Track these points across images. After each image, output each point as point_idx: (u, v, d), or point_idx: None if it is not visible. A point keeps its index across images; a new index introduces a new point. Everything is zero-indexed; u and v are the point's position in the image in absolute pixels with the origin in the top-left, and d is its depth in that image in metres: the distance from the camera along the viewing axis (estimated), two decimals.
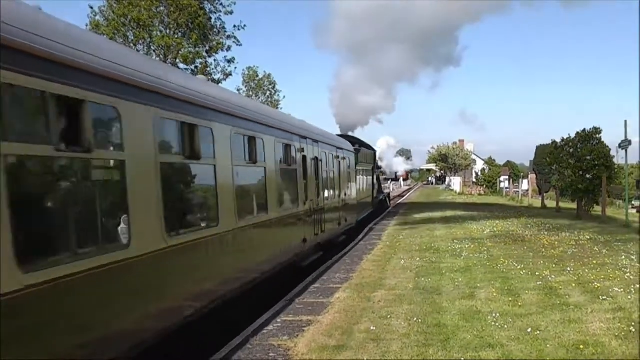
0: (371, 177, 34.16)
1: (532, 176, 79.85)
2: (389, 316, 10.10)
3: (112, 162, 6.99)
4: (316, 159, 17.44)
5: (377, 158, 40.79)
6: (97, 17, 37.66)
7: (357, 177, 27.19)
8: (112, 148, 6.89)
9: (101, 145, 6.51)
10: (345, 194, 22.95)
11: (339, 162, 21.83)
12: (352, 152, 25.68)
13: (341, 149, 22.66)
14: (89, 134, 6.00)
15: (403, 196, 69.76)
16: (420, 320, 9.76)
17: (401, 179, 63.80)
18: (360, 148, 29.98)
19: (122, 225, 6.74)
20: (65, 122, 5.71)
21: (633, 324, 9.18)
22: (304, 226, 15.61)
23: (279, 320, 10.25)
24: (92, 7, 37.54)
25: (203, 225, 9.27)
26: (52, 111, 5.59)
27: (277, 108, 62.10)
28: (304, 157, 15.89)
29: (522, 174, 78.09)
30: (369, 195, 32.39)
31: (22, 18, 5.47)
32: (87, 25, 36.99)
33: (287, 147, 14.19)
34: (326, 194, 18.91)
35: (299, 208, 15.04)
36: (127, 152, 6.80)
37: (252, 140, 11.39)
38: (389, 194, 50.92)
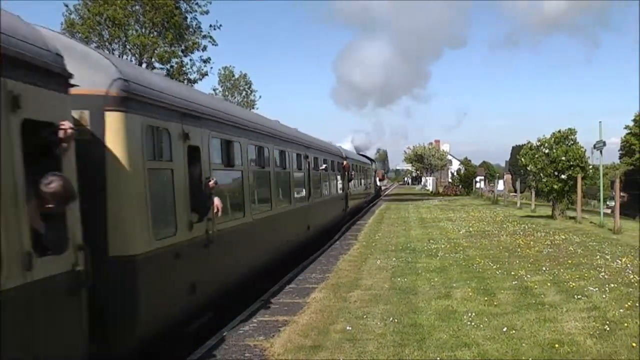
0: (374, 177, 57.93)
1: (508, 176, 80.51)
2: (365, 316, 10.07)
3: None
4: (367, 170, 45.81)
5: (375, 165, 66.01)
6: (72, 16, 37.36)
7: (371, 176, 51.88)
8: None
9: None
10: (371, 183, 51.71)
11: (370, 169, 51.19)
12: (369, 163, 51.40)
13: (368, 163, 50.04)
14: None
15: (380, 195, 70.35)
16: (396, 320, 9.75)
17: (377, 178, 64.37)
18: (370, 161, 53.96)
19: None
20: None
21: (607, 322, 9.24)
22: (366, 196, 46.26)
23: (254, 321, 10.18)
24: (67, 5, 37.22)
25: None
26: None
27: (253, 108, 62.06)
28: (367, 169, 46.69)
29: (497, 174, 78.57)
30: (372, 186, 54.43)
31: None
32: (62, 24, 36.65)
33: (366, 168, 45.76)
34: (368, 183, 47.37)
35: (367, 190, 46.52)
36: None
37: (363, 167, 43.14)
38: (380, 187, 75.03)
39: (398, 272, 14.27)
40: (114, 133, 7.11)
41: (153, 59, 38.96)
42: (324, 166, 23.29)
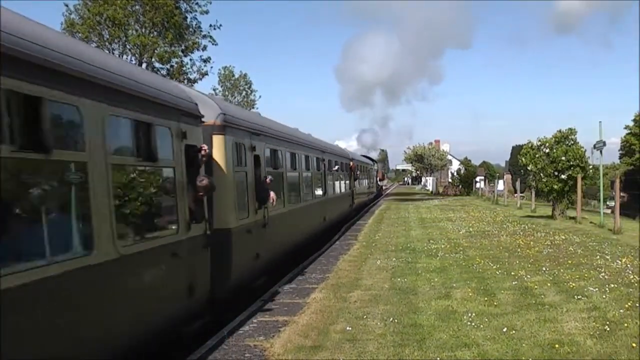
0: (376, 177, 61.30)
1: (508, 176, 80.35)
2: (365, 316, 10.08)
3: None
4: (369, 170, 49.49)
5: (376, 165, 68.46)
6: (72, 16, 37.32)
7: (373, 176, 56.13)
8: None
9: None
10: (373, 182, 55.89)
11: (373, 169, 55.06)
12: (372, 164, 55.68)
13: (371, 164, 54.15)
14: None
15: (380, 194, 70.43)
16: (396, 320, 9.75)
17: (377, 178, 64.42)
18: (372, 162, 57.82)
19: None
20: None
21: (608, 323, 9.25)
22: (369, 194, 49.74)
23: (254, 321, 10.19)
24: (67, 5, 37.19)
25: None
26: None
27: (253, 108, 62.09)
28: (370, 169, 51.59)
29: (497, 174, 78.52)
30: (374, 185, 58.81)
31: None
32: (61, 24, 36.63)
33: (369, 168, 49.51)
34: (370, 182, 50.94)
35: (369, 189, 50.23)
36: None
37: (366, 167, 46.79)
38: (382, 186, 79.15)
39: (398, 272, 14.28)
40: (217, 149, 10.79)
41: (153, 59, 38.94)
42: (336, 167, 27.25)
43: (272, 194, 13.17)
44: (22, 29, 5.44)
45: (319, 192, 22.61)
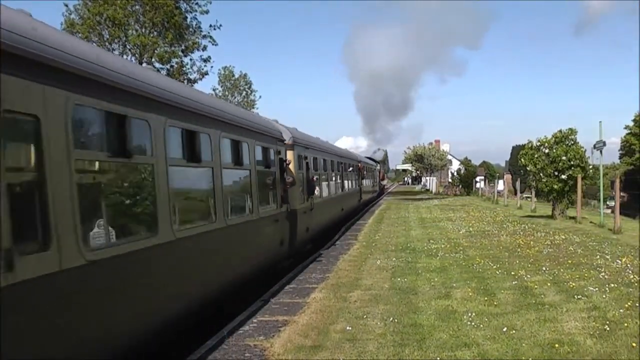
0: (378, 177, 66.87)
1: (508, 176, 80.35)
2: (365, 316, 10.08)
3: None
4: (373, 170, 56.26)
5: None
6: (72, 16, 37.25)
7: (376, 176, 61.62)
8: None
9: None
10: (377, 181, 61.38)
11: (376, 170, 60.41)
12: (375, 165, 61.39)
13: (374, 165, 59.74)
14: None
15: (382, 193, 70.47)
16: (396, 320, 9.75)
17: (379, 178, 64.80)
18: (376, 163, 63.50)
19: None
20: None
21: (607, 322, 9.24)
22: (373, 192, 54.70)
23: (254, 321, 10.19)
24: (67, 5, 37.14)
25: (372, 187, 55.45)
26: None
27: (253, 108, 62.03)
28: (374, 170, 58.30)
29: (497, 174, 78.48)
30: (377, 184, 63.94)
31: None
32: (61, 24, 36.57)
33: (372, 169, 56.17)
34: (374, 182, 57.10)
35: (373, 187, 55.38)
36: None
37: (370, 168, 52.27)
38: (384, 185, 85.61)
39: (398, 272, 14.28)
40: (290, 159, 16.29)
41: (153, 59, 38.86)
42: (350, 169, 33.95)
43: (317, 188, 20.36)
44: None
45: (339, 188, 28.89)
